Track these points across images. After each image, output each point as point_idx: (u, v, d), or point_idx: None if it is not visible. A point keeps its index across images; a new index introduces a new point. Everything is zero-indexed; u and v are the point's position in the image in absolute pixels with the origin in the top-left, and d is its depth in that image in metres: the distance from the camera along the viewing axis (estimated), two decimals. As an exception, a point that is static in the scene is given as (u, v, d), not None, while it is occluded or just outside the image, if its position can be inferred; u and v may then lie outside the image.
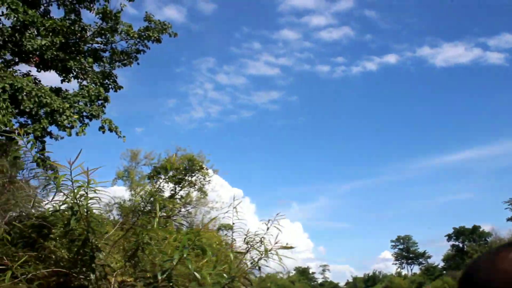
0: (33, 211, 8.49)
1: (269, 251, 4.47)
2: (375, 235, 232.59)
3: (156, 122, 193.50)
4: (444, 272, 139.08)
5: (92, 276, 4.54)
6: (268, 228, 5.38)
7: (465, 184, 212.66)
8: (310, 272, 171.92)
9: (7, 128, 13.87)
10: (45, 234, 5.25)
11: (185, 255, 4.17)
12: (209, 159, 28.65)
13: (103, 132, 16.68)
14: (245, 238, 5.54)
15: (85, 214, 4.30)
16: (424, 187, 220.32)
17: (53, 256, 5.04)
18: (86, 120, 16.55)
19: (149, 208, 5.54)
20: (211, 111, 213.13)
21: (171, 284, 4.62)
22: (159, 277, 4.37)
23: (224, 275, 4.44)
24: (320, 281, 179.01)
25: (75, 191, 4.11)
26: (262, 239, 5.16)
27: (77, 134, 16.03)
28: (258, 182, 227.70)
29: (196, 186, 28.81)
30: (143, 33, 17.07)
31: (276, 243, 4.38)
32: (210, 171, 29.16)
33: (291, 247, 4.29)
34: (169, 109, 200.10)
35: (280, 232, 5.42)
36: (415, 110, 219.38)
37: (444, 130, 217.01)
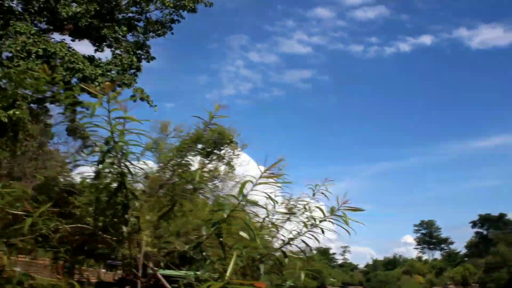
0: (61, 179, 8.35)
1: (336, 210, 3.97)
2: (398, 218, 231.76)
3: (186, 97, 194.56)
4: (466, 259, 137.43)
5: (125, 229, 4.15)
6: (314, 194, 4.85)
7: (494, 171, 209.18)
8: (331, 252, 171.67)
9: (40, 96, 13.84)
10: (70, 192, 5.04)
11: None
12: (239, 133, 28.20)
13: (134, 101, 16.59)
14: (287, 203, 5.10)
15: (121, 152, 3.88)
16: (451, 172, 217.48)
17: (78, 213, 4.81)
18: (118, 89, 16.38)
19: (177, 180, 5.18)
20: (241, 88, 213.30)
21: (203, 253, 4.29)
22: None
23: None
24: (339, 262, 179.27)
25: (112, 123, 3.74)
26: (307, 206, 4.73)
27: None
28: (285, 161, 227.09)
29: (224, 160, 28.59)
30: (178, 2, 16.81)
31: (344, 202, 3.90)
32: (239, 145, 28.86)
33: (361, 209, 3.80)
34: (200, 86, 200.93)
35: (327, 198, 4.74)
36: (447, 93, 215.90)
37: (476, 114, 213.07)
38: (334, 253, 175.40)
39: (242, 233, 3.59)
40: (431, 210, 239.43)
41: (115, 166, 3.82)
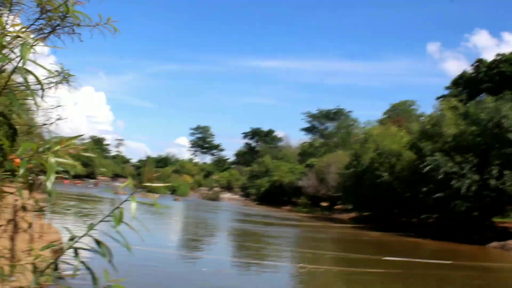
0: None
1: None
2: (176, 120, 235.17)
3: None
4: (233, 166, 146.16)
5: None
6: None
7: (269, 90, 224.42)
8: (105, 143, 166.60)
9: None
10: None
11: None
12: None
13: None
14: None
15: None
16: (234, 85, 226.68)
17: None
18: None
19: None
20: None
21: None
22: None
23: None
24: (113, 153, 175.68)
25: None
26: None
27: None
28: (67, 43, 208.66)
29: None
30: None
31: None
32: None
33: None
34: None
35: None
36: (244, 9, 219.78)
37: (263, 36, 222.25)
38: (108, 144, 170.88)
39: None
40: (209, 117, 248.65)
41: None
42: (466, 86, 62.46)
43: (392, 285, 16.28)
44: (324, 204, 73.46)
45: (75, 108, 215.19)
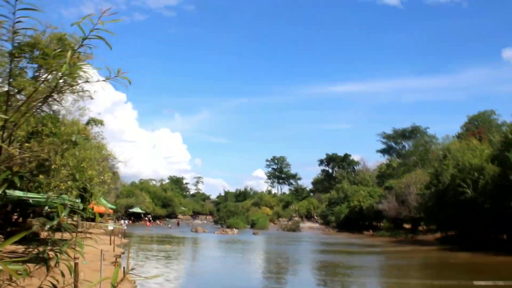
0: None
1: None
2: (252, 153, 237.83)
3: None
4: (312, 194, 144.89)
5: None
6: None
7: (344, 115, 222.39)
8: (184, 182, 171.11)
9: None
10: None
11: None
12: (85, 43, 22.74)
13: None
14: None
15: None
16: (305, 112, 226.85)
17: None
18: None
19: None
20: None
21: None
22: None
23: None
24: (192, 192, 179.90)
25: None
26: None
27: None
28: (143, 89, 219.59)
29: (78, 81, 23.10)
30: None
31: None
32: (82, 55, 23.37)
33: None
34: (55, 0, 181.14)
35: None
36: (309, 35, 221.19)
37: (333, 60, 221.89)
38: (187, 183, 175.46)
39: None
40: (283, 147, 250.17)
41: None
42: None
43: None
44: (406, 226, 71.00)
45: (153, 150, 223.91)
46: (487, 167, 42.66)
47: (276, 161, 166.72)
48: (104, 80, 3.14)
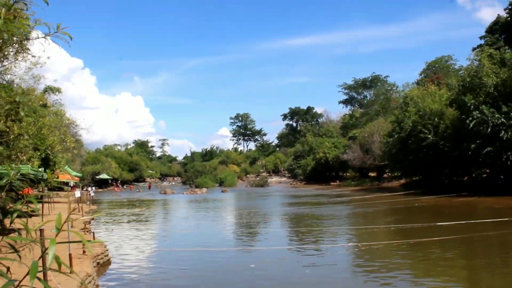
0: None
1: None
2: (215, 112, 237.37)
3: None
4: (278, 148, 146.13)
5: None
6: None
7: (304, 68, 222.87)
8: (150, 145, 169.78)
9: None
10: None
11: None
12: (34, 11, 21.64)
13: None
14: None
15: None
16: (264, 68, 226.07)
17: None
18: None
19: None
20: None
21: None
22: None
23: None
24: (158, 154, 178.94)
25: None
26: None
27: None
28: (100, 54, 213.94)
29: (15, 38, 21.91)
30: None
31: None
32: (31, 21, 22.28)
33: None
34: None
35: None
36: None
37: (289, 14, 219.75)
38: (153, 146, 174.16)
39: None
40: (246, 105, 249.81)
41: None
42: (503, 31, 59.76)
43: (454, 253, 15.74)
44: (372, 174, 72.52)
45: (116, 115, 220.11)
46: (446, 111, 43.57)
47: (240, 118, 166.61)
48: (44, 37, 2.98)
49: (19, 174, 2.78)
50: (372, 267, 14.20)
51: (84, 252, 13.48)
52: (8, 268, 2.19)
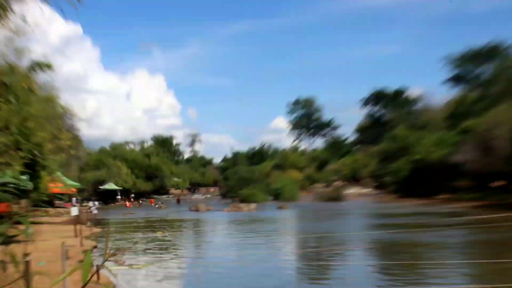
0: None
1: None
2: (266, 97, 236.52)
3: None
4: (357, 147, 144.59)
5: None
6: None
7: (390, 35, 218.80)
8: (174, 143, 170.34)
9: None
10: None
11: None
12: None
13: None
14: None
15: None
16: (335, 35, 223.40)
17: None
18: None
19: None
20: None
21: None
22: None
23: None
24: (187, 155, 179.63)
25: None
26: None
27: None
28: (106, 16, 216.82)
29: None
30: None
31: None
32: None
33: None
34: None
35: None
36: None
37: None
38: (178, 144, 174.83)
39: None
40: (310, 85, 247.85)
41: None
42: None
43: None
44: (497, 183, 70.59)
45: (128, 101, 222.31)
46: None
47: (302, 104, 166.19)
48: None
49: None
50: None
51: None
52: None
